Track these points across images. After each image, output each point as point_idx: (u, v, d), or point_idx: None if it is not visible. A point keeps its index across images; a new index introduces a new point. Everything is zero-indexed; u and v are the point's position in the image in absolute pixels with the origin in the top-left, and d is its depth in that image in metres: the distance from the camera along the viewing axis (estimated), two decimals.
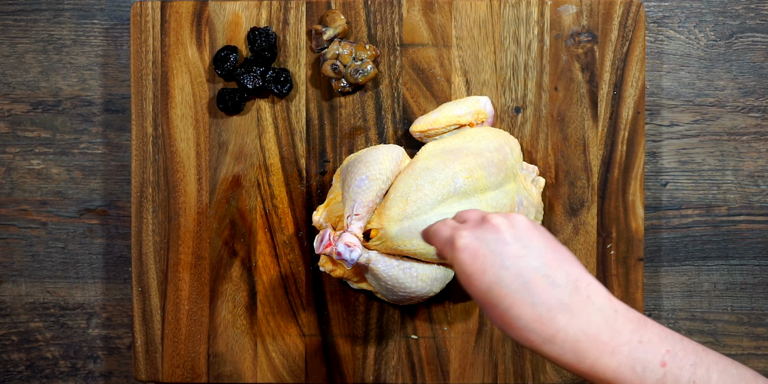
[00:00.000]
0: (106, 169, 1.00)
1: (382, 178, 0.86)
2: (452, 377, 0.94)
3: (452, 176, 0.84)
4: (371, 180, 0.85)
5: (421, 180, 0.84)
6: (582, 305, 0.61)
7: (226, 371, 0.95)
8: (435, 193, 0.84)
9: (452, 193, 0.84)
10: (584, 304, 0.61)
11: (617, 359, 0.61)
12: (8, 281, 1.00)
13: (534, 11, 0.93)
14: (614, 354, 0.61)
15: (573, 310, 0.61)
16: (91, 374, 1.00)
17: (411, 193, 0.84)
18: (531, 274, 0.61)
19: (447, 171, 0.85)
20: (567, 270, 0.62)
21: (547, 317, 0.61)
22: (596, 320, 0.61)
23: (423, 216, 0.84)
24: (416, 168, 0.86)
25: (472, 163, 0.85)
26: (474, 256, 0.63)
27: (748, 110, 0.98)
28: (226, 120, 0.95)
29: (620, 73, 0.93)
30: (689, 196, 0.98)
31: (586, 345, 0.61)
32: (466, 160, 0.85)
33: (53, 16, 0.99)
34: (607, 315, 0.61)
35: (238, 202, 0.95)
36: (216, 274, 0.95)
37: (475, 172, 0.85)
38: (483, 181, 0.85)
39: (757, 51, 0.98)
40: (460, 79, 0.94)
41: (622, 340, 0.61)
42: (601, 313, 0.61)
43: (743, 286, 0.99)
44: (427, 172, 0.85)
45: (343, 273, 0.89)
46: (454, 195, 0.84)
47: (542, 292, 0.61)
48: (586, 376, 0.62)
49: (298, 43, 0.95)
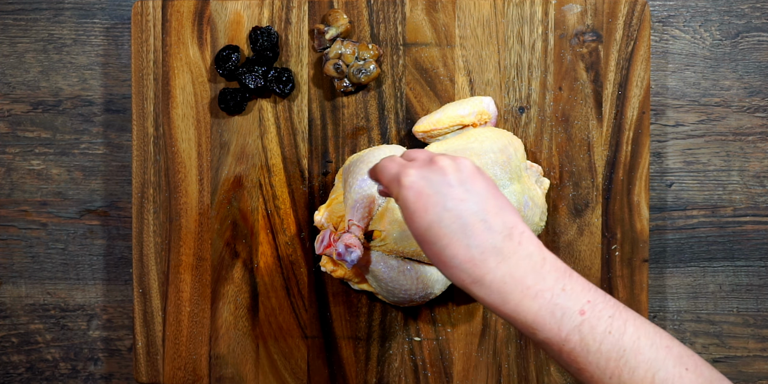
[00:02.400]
0: (107, 170, 0.99)
1: None
2: (456, 379, 0.94)
3: None
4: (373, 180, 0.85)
5: None
6: (513, 250, 0.64)
7: (228, 373, 0.95)
8: None
9: None
10: (515, 249, 0.65)
11: (538, 303, 0.64)
12: (8, 282, 1.00)
13: (538, 10, 0.93)
14: (536, 298, 0.64)
15: (504, 254, 0.64)
16: (92, 376, 1.00)
17: None
18: (470, 217, 0.65)
19: None
20: (504, 217, 0.65)
21: (479, 259, 0.64)
22: (524, 265, 0.64)
23: None
24: None
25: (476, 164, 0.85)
26: (418, 195, 0.66)
27: (754, 110, 0.97)
28: (227, 120, 0.94)
29: (625, 72, 0.93)
30: (694, 196, 0.98)
31: (511, 287, 0.64)
32: None
33: (53, 16, 0.99)
34: (534, 261, 0.65)
35: (240, 202, 0.94)
36: (217, 276, 0.95)
37: None
38: None
39: (763, 50, 0.97)
40: (463, 79, 0.93)
41: (546, 286, 0.64)
42: (529, 259, 0.65)
43: (749, 287, 0.98)
44: None
45: (344, 274, 0.89)
46: None
47: (478, 236, 0.64)
48: (508, 317, 0.65)
49: (301, 43, 0.94)
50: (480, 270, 0.64)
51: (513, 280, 0.64)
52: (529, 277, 0.64)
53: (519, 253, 0.65)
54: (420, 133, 0.91)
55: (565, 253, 0.93)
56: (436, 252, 0.65)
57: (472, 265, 0.64)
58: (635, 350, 0.63)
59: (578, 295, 0.64)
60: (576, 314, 0.64)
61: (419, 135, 0.91)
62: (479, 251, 0.64)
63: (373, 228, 0.85)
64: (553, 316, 0.64)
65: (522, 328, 0.65)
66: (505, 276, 0.64)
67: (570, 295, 0.64)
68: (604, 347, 0.63)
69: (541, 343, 0.65)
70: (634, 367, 0.63)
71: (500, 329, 0.94)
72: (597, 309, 0.64)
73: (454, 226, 0.65)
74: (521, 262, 0.65)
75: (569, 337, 0.64)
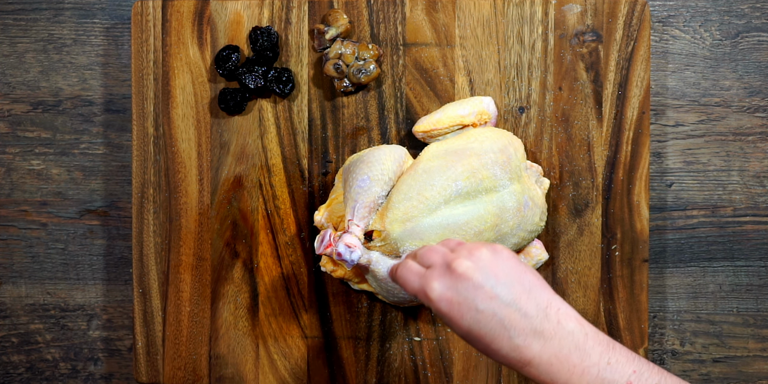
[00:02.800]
0: (107, 170, 0.99)
1: (384, 178, 0.85)
2: (456, 379, 0.94)
3: (454, 179, 0.84)
4: (373, 180, 0.85)
5: (423, 182, 0.84)
6: (553, 331, 0.67)
7: (228, 373, 0.95)
8: (437, 195, 0.83)
9: (455, 195, 0.84)
10: (555, 329, 0.67)
11: (586, 379, 0.66)
12: (8, 282, 1.00)
13: (538, 10, 0.93)
14: (584, 375, 0.66)
15: (545, 336, 0.66)
16: (92, 376, 1.00)
17: (413, 196, 0.83)
18: (504, 311, 0.67)
19: (449, 173, 0.84)
20: (536, 299, 0.67)
21: (524, 346, 0.66)
22: (567, 344, 0.66)
23: (425, 218, 0.83)
24: (419, 169, 0.85)
25: (476, 164, 0.85)
26: (450, 305, 0.68)
27: (754, 110, 0.97)
28: (227, 120, 0.94)
29: (625, 72, 0.93)
30: (694, 196, 0.98)
31: (558, 367, 0.66)
32: (469, 162, 0.85)
33: (53, 16, 0.99)
34: (577, 338, 0.67)
35: (240, 202, 0.94)
36: (217, 276, 0.95)
37: (479, 174, 0.84)
38: (487, 183, 0.85)
39: (763, 50, 0.97)
40: (463, 79, 0.93)
41: (592, 362, 0.66)
42: (571, 337, 0.67)
43: (749, 287, 0.98)
44: (429, 174, 0.84)
45: (344, 273, 0.89)
46: (456, 197, 0.84)
47: (516, 325, 0.66)
48: None
49: (301, 43, 0.94)
50: (526, 356, 0.66)
51: (558, 361, 0.66)
52: (574, 355, 0.66)
53: (560, 333, 0.67)
54: (420, 133, 0.91)
55: (565, 253, 0.93)
56: (483, 348, 0.68)
57: (519, 353, 0.67)
58: None
59: (623, 367, 0.66)
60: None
61: (419, 135, 0.91)
62: (522, 339, 0.66)
63: (373, 228, 0.85)
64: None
65: None
66: (551, 357, 0.66)
67: (615, 367, 0.66)
68: None
69: None
70: None
71: None
72: (643, 378, 0.66)
73: (492, 324, 0.67)
74: (563, 342, 0.66)
75: None
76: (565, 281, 0.93)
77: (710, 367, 0.98)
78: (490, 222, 0.85)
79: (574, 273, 0.94)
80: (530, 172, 0.90)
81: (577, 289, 0.93)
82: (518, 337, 0.66)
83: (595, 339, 0.67)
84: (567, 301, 0.93)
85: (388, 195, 0.85)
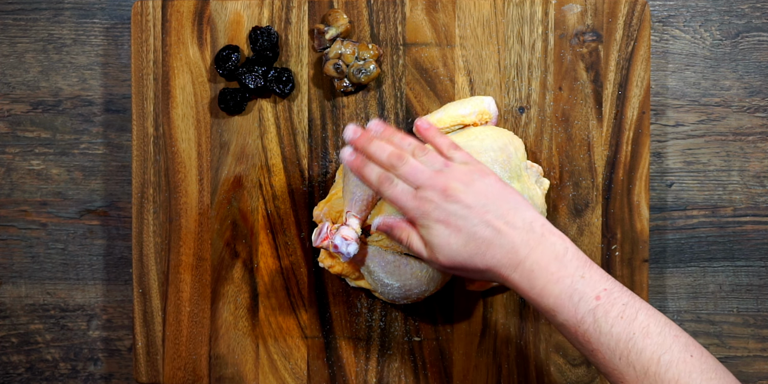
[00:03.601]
0: (107, 170, 0.99)
1: None
2: (455, 379, 0.94)
3: None
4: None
5: None
6: (538, 242, 0.74)
7: (228, 373, 0.95)
8: None
9: None
10: (539, 240, 0.74)
11: (559, 287, 0.72)
12: (8, 283, 1.00)
13: (538, 10, 0.93)
14: (558, 282, 0.72)
15: (531, 245, 0.73)
16: (92, 376, 1.00)
17: None
18: (495, 222, 0.74)
19: None
20: (522, 215, 0.75)
21: (512, 252, 0.73)
22: (548, 254, 0.73)
23: None
24: None
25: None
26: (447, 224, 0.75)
27: (754, 110, 0.97)
28: (227, 120, 0.94)
29: (625, 72, 0.93)
30: (695, 196, 0.98)
31: (537, 274, 0.73)
32: None
33: (53, 16, 0.99)
34: (557, 250, 0.73)
35: (240, 202, 0.94)
36: (217, 276, 0.95)
37: None
38: None
39: (763, 50, 0.97)
40: (463, 79, 0.93)
41: (567, 273, 0.72)
42: (552, 248, 0.73)
43: (749, 287, 0.98)
44: None
45: (342, 269, 0.89)
46: None
47: (507, 234, 0.74)
48: (534, 301, 0.73)
49: (301, 43, 0.94)
50: (514, 261, 0.73)
51: (539, 267, 0.73)
52: (553, 264, 0.73)
53: (544, 244, 0.73)
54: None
55: None
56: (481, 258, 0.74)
57: (508, 259, 0.73)
58: (644, 335, 0.69)
59: (596, 283, 0.72)
60: (592, 299, 0.71)
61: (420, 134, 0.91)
62: (511, 246, 0.73)
63: (370, 222, 0.85)
64: (571, 299, 0.71)
65: (544, 311, 0.73)
66: (532, 264, 0.73)
67: (588, 282, 0.72)
68: (615, 330, 0.70)
69: (559, 325, 0.73)
70: (641, 348, 0.69)
71: (500, 329, 0.94)
72: (612, 297, 0.71)
73: (486, 233, 0.74)
74: (546, 251, 0.73)
75: (584, 319, 0.71)
76: None
77: None
78: None
79: None
80: (530, 171, 0.90)
81: None
82: (508, 244, 0.73)
83: (574, 254, 0.73)
84: None
85: None
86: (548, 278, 0.72)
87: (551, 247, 0.73)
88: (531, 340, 0.94)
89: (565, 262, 0.73)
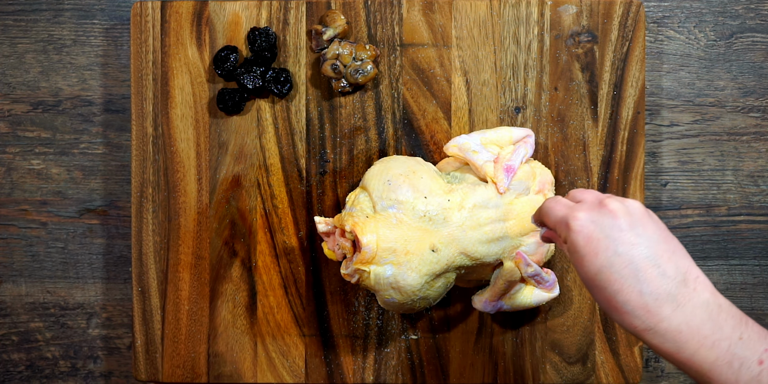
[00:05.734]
0: (106, 169, 1.00)
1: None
2: (452, 377, 0.94)
3: None
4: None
5: None
6: (688, 298, 0.63)
7: (226, 371, 0.95)
8: None
9: None
10: (690, 296, 0.63)
11: (715, 353, 0.62)
12: (8, 281, 1.00)
13: (534, 11, 0.93)
14: (713, 347, 0.62)
15: (679, 301, 0.63)
16: (91, 374, 1.00)
17: None
18: (642, 262, 0.63)
19: None
20: (677, 262, 0.64)
21: (654, 306, 0.62)
22: (700, 313, 0.63)
23: None
24: None
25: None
26: (588, 239, 0.65)
27: (748, 110, 0.98)
28: (226, 120, 0.95)
29: (620, 73, 0.93)
30: (689, 196, 0.98)
31: (687, 336, 0.62)
32: None
33: (53, 16, 0.99)
34: (711, 309, 0.63)
35: (238, 202, 0.95)
36: (216, 274, 0.95)
37: None
38: None
39: (757, 51, 0.98)
40: (460, 79, 0.94)
41: (723, 335, 0.62)
42: (705, 307, 0.63)
43: (743, 286, 0.99)
44: None
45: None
46: None
47: (651, 282, 0.63)
48: (683, 366, 0.63)
49: (298, 43, 0.94)
50: (654, 317, 0.63)
51: (689, 329, 0.63)
52: (706, 326, 0.63)
53: (694, 301, 0.63)
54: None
55: (561, 252, 0.94)
56: (607, 297, 0.64)
57: (646, 312, 0.63)
58: None
59: (756, 344, 0.63)
60: (754, 364, 0.62)
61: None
62: (653, 298, 0.63)
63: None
64: (730, 366, 0.62)
65: (696, 377, 0.64)
66: (681, 324, 0.63)
67: (747, 343, 0.63)
68: None
69: None
70: None
71: (496, 327, 0.94)
72: None
73: (625, 272, 0.63)
74: (697, 310, 0.63)
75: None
76: (561, 280, 0.94)
77: None
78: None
79: (569, 272, 0.94)
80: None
81: (572, 287, 0.94)
82: (650, 294, 0.63)
83: (728, 312, 0.63)
84: (563, 299, 0.94)
85: None
86: (701, 342, 0.62)
87: (704, 305, 0.63)
88: (527, 338, 0.94)
89: (720, 323, 0.63)
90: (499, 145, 0.89)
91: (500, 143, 0.89)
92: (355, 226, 0.82)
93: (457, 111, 0.94)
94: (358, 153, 0.94)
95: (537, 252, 0.87)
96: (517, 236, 0.86)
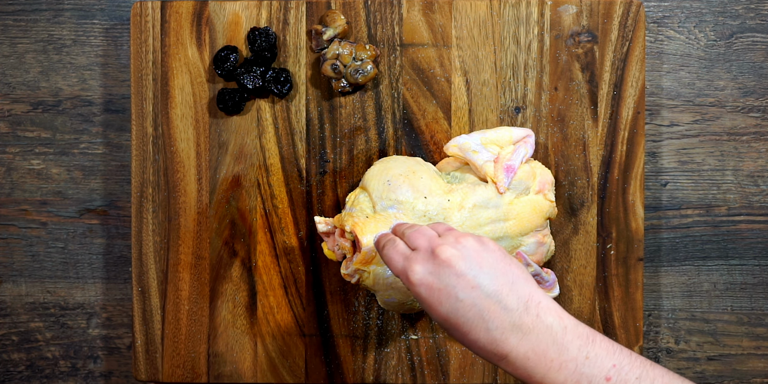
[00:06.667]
0: (106, 169, 1.00)
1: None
2: (452, 377, 0.94)
3: None
4: None
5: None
6: (532, 325, 0.65)
7: (226, 371, 0.95)
8: None
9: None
10: (534, 323, 0.65)
11: (563, 375, 0.64)
12: (8, 281, 1.00)
13: (534, 11, 0.93)
14: (560, 370, 0.65)
15: (523, 330, 0.65)
16: (91, 374, 1.00)
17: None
18: (484, 302, 0.66)
19: None
20: (518, 292, 0.66)
21: (501, 339, 0.65)
22: (545, 338, 0.65)
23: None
24: None
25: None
26: (429, 290, 0.67)
27: (748, 110, 0.98)
28: (226, 120, 0.95)
29: (620, 73, 0.93)
30: (689, 196, 0.98)
31: (534, 362, 0.65)
32: None
33: (53, 16, 0.99)
34: (555, 333, 0.65)
35: (238, 202, 0.95)
36: (216, 274, 0.95)
37: None
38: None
39: (757, 51, 0.98)
40: (460, 79, 0.94)
41: (569, 356, 0.65)
42: (549, 332, 0.65)
43: (743, 286, 0.99)
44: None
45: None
46: None
47: (495, 318, 0.65)
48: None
49: (298, 43, 0.95)
50: (504, 349, 0.65)
51: (536, 355, 0.65)
52: (551, 349, 0.65)
53: (538, 327, 0.65)
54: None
55: (561, 252, 0.94)
56: (460, 337, 0.67)
57: (495, 346, 0.66)
58: None
59: (603, 361, 0.65)
60: (602, 381, 0.64)
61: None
62: (500, 332, 0.65)
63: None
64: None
65: None
66: (527, 352, 0.65)
67: (594, 362, 0.65)
68: None
69: None
70: None
71: None
72: (623, 372, 0.64)
73: (470, 315, 0.66)
74: (542, 336, 0.65)
75: None
76: (561, 280, 0.94)
77: (705, 365, 0.99)
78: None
79: (569, 272, 0.94)
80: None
81: (572, 287, 0.94)
82: (496, 330, 0.65)
83: (574, 333, 0.66)
84: (563, 299, 0.94)
85: None
86: (549, 366, 0.65)
87: (548, 330, 0.65)
88: None
89: (566, 344, 0.65)
90: (499, 145, 0.89)
91: (500, 143, 0.89)
92: (355, 226, 0.83)
93: (457, 111, 0.94)
94: (358, 153, 0.94)
95: (537, 252, 0.87)
96: (517, 236, 0.86)
